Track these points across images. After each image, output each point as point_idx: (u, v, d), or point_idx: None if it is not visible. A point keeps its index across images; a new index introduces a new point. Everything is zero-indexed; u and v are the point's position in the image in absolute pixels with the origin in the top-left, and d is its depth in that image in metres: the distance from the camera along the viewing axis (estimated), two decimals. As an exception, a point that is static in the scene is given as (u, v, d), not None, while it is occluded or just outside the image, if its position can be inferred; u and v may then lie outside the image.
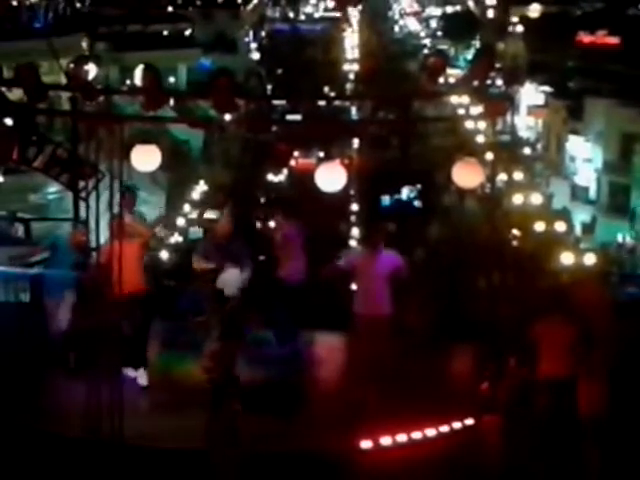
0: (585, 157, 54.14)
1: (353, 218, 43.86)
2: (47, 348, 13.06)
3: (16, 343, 12.87)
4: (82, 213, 13.75)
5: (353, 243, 39.19)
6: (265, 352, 13.71)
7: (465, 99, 38.86)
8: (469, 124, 51.40)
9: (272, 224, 14.76)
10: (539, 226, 41.96)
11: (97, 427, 10.83)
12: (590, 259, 31.91)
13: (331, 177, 11.48)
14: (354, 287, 13.34)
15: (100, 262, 11.66)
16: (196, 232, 38.60)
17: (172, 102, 11.90)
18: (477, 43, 76.14)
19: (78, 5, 58.11)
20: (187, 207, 41.92)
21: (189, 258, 13.78)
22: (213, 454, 10.74)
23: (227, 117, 11.81)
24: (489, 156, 12.38)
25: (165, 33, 64.15)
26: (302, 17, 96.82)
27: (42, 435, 11.14)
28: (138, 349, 12.76)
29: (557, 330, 11.40)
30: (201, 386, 12.30)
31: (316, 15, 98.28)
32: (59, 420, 11.42)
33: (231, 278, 12.26)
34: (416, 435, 11.27)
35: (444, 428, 11.45)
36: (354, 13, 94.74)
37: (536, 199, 47.15)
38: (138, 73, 11.18)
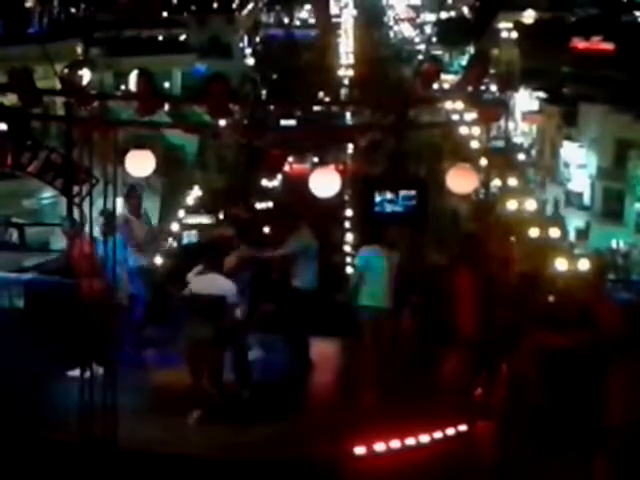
0: (579, 163, 54.23)
1: (347, 223, 43.99)
2: (41, 353, 13.05)
3: (10, 349, 12.85)
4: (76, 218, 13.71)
5: (347, 248, 39.27)
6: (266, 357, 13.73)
7: (459, 105, 38.91)
8: (463, 130, 51.51)
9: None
10: (533, 232, 42.08)
11: (91, 431, 10.82)
12: (584, 265, 32.00)
13: (325, 182, 11.49)
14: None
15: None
16: (190, 237, 38.64)
17: (167, 107, 11.88)
18: (471, 49, 76.30)
19: (73, 10, 58.12)
20: (181, 212, 42.01)
21: (182, 263, 13.77)
22: None
23: (222, 122, 11.80)
24: (483, 162, 12.40)
25: (160, 38, 64.19)
26: (297, 23, 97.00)
27: (36, 439, 11.13)
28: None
29: None
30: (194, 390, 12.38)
31: (311, 21, 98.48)
32: (53, 424, 11.40)
33: (209, 281, 12.14)
34: (410, 441, 11.25)
35: (438, 434, 11.43)
36: (347, 19, 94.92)
37: (530, 205, 47.28)
38: (132, 78, 11.18)
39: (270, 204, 47.00)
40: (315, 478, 10.84)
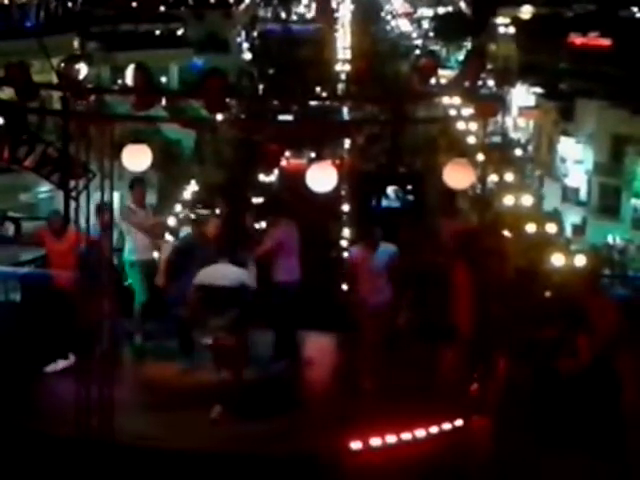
0: (576, 159, 54.26)
1: (344, 218, 43.89)
2: (38, 347, 13.05)
3: (6, 343, 12.85)
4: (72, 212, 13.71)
5: (344, 243, 39.24)
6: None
7: (456, 100, 38.83)
8: (460, 125, 51.49)
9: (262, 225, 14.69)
10: (530, 227, 42.10)
11: (88, 426, 10.82)
12: (581, 260, 32.01)
13: (322, 177, 11.49)
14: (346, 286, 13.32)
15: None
16: (187, 231, 38.61)
17: (164, 102, 11.88)
18: (469, 44, 76.33)
19: (70, 4, 58.01)
20: (178, 207, 41.97)
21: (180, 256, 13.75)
22: None
23: (219, 117, 11.80)
24: (480, 157, 12.39)
25: (157, 33, 64.12)
26: (294, 17, 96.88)
27: (33, 434, 11.13)
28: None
29: None
30: (192, 385, 12.40)
31: (308, 15, 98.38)
32: (50, 419, 11.41)
33: (221, 271, 12.11)
34: (405, 436, 11.26)
35: (433, 429, 11.43)
36: (345, 14, 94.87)
37: (527, 200, 47.31)
38: (129, 72, 11.17)
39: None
40: (311, 473, 10.84)
